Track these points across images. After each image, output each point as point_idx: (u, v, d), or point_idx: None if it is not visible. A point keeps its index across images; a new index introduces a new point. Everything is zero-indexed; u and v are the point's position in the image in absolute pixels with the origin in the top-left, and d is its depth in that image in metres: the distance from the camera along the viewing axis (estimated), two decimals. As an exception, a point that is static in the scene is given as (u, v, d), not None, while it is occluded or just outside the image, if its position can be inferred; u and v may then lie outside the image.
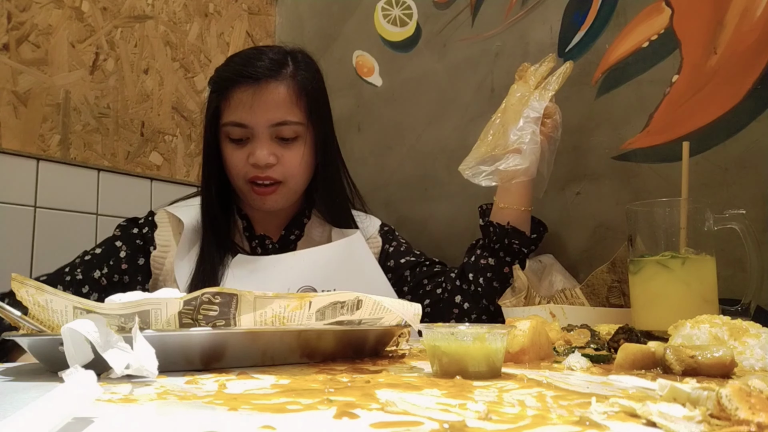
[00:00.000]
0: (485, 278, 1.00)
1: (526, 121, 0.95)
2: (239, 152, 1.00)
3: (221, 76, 1.01)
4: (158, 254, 1.02)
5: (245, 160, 0.99)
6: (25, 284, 0.50)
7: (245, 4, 1.64)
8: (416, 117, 1.35)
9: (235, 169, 1.01)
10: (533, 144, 0.94)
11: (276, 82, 0.98)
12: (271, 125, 0.98)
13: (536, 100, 0.95)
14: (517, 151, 0.94)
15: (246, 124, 0.98)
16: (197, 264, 0.99)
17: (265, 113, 0.97)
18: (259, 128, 0.98)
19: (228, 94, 0.98)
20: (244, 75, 0.97)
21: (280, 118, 0.98)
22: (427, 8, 1.35)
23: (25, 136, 1.20)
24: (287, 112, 0.98)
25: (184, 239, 1.01)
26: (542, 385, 0.43)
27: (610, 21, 1.06)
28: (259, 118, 0.97)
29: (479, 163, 0.98)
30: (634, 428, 0.29)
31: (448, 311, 1.03)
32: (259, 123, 0.97)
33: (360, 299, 0.57)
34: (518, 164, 0.94)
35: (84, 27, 1.30)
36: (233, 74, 0.98)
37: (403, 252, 1.11)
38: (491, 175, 0.96)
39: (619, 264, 0.95)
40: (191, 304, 0.51)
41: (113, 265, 0.99)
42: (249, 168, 0.99)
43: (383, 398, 0.37)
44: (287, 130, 0.98)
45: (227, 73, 0.99)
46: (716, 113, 0.94)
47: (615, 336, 0.62)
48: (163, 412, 0.34)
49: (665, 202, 0.77)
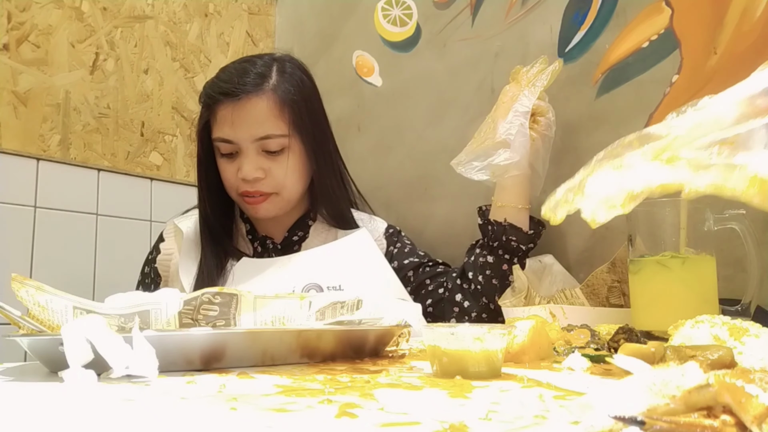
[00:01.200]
0: (484, 276, 1.00)
1: (514, 115, 0.96)
2: (230, 166, 1.01)
3: (206, 92, 1.02)
4: (163, 257, 1.06)
5: (236, 174, 1.00)
6: (25, 284, 0.50)
7: (245, 4, 1.64)
8: (416, 117, 1.35)
9: (228, 182, 1.02)
10: (522, 137, 0.96)
11: (257, 98, 0.97)
12: (255, 140, 0.98)
13: (525, 95, 0.97)
14: (505, 143, 0.95)
15: (231, 140, 0.99)
16: (198, 271, 1.01)
17: (248, 129, 0.97)
18: (244, 143, 0.98)
19: (213, 110, 1.00)
20: (225, 92, 0.98)
21: (263, 132, 0.98)
22: (427, 8, 1.35)
23: (25, 136, 1.20)
24: (270, 126, 0.98)
25: (184, 248, 1.04)
26: (542, 385, 0.43)
27: (610, 21, 1.06)
28: (243, 134, 0.98)
29: (471, 159, 0.99)
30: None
31: (448, 310, 1.03)
32: (242, 138, 0.98)
33: (360, 300, 0.57)
34: (509, 158, 0.96)
35: (84, 27, 1.30)
36: (215, 92, 0.99)
37: (407, 253, 1.12)
38: (483, 170, 0.98)
39: (619, 264, 0.95)
40: (191, 304, 0.51)
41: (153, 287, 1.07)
42: (240, 182, 1.00)
43: (383, 398, 0.37)
44: (272, 143, 0.98)
45: (210, 91, 1.00)
46: (716, 113, 0.93)
47: (615, 336, 0.62)
48: (163, 412, 0.33)
49: (665, 202, 0.76)
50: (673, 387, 0.27)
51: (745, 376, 0.25)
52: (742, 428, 0.24)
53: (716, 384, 0.25)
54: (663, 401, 0.26)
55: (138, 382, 0.43)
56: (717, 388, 0.25)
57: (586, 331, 0.66)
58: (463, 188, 1.22)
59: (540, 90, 0.98)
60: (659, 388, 0.27)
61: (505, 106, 0.99)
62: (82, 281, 1.27)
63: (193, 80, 1.50)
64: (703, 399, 0.26)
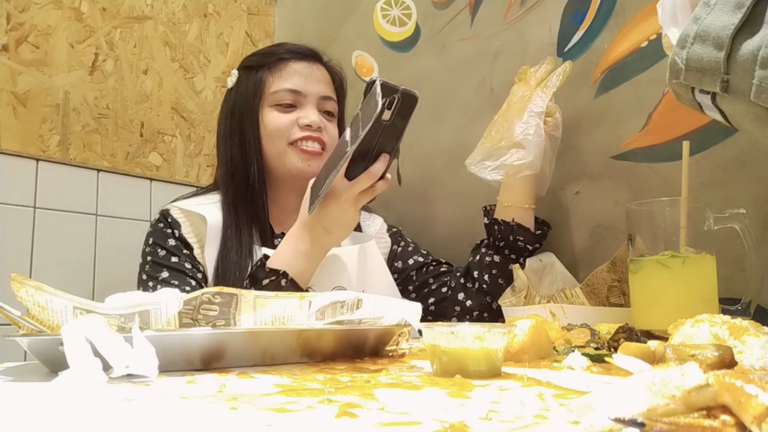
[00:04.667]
0: (490, 275, 1.01)
1: (530, 115, 0.96)
2: (285, 116, 1.04)
3: (272, 52, 1.10)
4: (197, 252, 1.01)
5: (292, 123, 1.04)
6: (25, 284, 0.50)
7: (244, 4, 1.64)
8: (415, 117, 1.35)
9: (279, 131, 1.03)
10: (537, 137, 0.95)
11: (319, 65, 1.11)
12: (320, 97, 1.07)
13: (539, 96, 0.97)
14: (521, 144, 0.95)
15: (300, 91, 1.05)
16: (219, 262, 0.97)
17: (316, 85, 1.07)
18: (311, 97, 1.06)
19: (281, 66, 1.07)
20: (298, 52, 1.09)
21: (326, 92, 1.08)
22: (426, 8, 1.35)
23: (25, 137, 1.20)
24: (330, 90, 1.10)
25: (210, 236, 1.00)
26: (542, 384, 0.43)
27: (609, 21, 1.06)
28: (312, 88, 1.06)
29: (484, 158, 0.99)
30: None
31: (450, 309, 1.04)
32: (311, 92, 1.06)
33: (360, 299, 0.57)
34: (523, 158, 0.95)
35: (83, 27, 1.30)
36: (286, 51, 1.09)
37: (410, 252, 1.12)
38: (496, 170, 0.98)
39: (619, 263, 0.96)
40: (191, 304, 0.51)
41: (191, 273, 0.98)
42: (295, 130, 1.03)
43: (383, 398, 0.37)
44: (330, 104, 1.09)
45: (280, 50, 1.10)
46: (715, 112, 0.94)
47: (615, 335, 0.62)
48: (163, 412, 0.33)
49: (665, 202, 0.77)
50: (673, 387, 0.27)
51: (745, 376, 0.25)
52: (741, 428, 0.24)
53: (716, 384, 0.25)
54: (663, 401, 0.26)
55: (138, 382, 0.43)
56: (717, 388, 0.25)
57: (586, 330, 0.66)
58: (463, 188, 1.22)
59: (553, 90, 0.98)
60: (659, 388, 0.27)
61: (517, 105, 0.98)
62: (82, 281, 1.27)
63: (192, 80, 1.50)
64: (703, 399, 0.26)
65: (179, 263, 0.98)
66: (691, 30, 0.41)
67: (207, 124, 1.50)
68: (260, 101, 1.05)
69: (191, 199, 1.07)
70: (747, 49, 0.37)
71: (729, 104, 0.40)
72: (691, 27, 0.41)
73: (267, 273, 0.87)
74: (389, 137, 0.83)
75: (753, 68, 0.37)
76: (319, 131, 1.04)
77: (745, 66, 0.37)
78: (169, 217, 1.02)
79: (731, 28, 0.38)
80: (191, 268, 0.98)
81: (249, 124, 1.05)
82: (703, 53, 0.40)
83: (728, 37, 0.38)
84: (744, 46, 0.37)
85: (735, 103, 0.39)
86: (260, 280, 0.88)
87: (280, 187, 1.07)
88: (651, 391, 0.27)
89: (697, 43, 0.40)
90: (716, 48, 0.39)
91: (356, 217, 0.91)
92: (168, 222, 1.02)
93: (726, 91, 0.39)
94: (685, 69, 0.41)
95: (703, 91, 0.41)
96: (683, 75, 0.41)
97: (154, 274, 0.97)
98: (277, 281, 0.87)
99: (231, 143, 1.06)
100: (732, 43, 0.38)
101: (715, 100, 0.41)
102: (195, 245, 1.00)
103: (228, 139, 1.06)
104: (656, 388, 0.27)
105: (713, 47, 0.39)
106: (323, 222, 0.89)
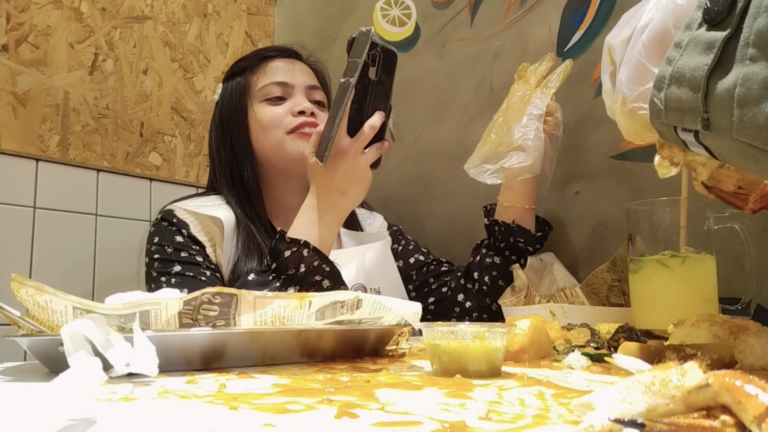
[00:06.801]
0: (491, 276, 1.00)
1: (529, 118, 0.95)
2: (278, 108, 1.05)
3: (256, 54, 1.13)
4: (209, 251, 1.00)
5: (285, 112, 1.05)
6: (25, 285, 0.50)
7: (244, 4, 1.64)
8: (415, 117, 1.35)
9: (274, 122, 1.04)
10: (537, 141, 0.95)
11: (302, 62, 1.13)
12: (308, 86, 1.08)
13: (539, 97, 0.96)
14: (521, 148, 0.95)
15: (287, 82, 1.07)
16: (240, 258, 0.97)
17: (301, 77, 1.09)
18: (299, 87, 1.08)
19: (263, 64, 1.09)
20: (279, 50, 1.13)
21: (313, 82, 1.10)
22: (425, 8, 1.35)
23: (25, 137, 1.20)
24: (316, 81, 1.11)
25: (226, 234, 0.99)
26: (542, 383, 0.43)
27: (609, 20, 1.06)
28: (298, 79, 1.08)
29: (484, 162, 0.98)
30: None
31: (450, 310, 1.03)
32: (298, 82, 1.08)
33: (360, 299, 0.57)
34: (523, 161, 0.95)
35: (83, 28, 1.30)
36: (267, 51, 1.13)
37: (411, 251, 1.12)
38: (496, 173, 0.97)
39: (619, 263, 0.96)
40: (191, 304, 0.51)
41: (204, 266, 0.97)
42: (290, 118, 1.04)
43: (383, 398, 0.37)
44: (319, 93, 1.10)
45: (261, 52, 1.13)
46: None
47: (615, 335, 0.62)
48: (163, 412, 0.34)
49: (665, 202, 0.76)
50: (673, 387, 0.27)
51: (745, 376, 0.25)
52: (741, 428, 0.24)
53: (716, 384, 0.25)
54: (662, 401, 0.26)
55: (138, 382, 0.43)
56: (717, 388, 0.25)
57: (586, 329, 0.66)
58: (462, 188, 1.22)
59: (553, 91, 0.97)
60: (659, 388, 0.27)
61: (516, 107, 0.98)
62: (81, 281, 1.27)
63: (192, 80, 1.50)
64: (703, 399, 0.26)
65: (190, 257, 0.97)
66: (666, 71, 0.41)
67: (207, 124, 1.50)
68: (248, 100, 1.06)
69: (192, 200, 1.07)
70: (723, 87, 0.38)
71: (712, 140, 0.40)
72: (665, 68, 0.41)
73: (288, 244, 0.85)
74: (380, 95, 0.88)
75: (731, 106, 0.37)
76: (313, 116, 1.05)
77: (723, 104, 0.38)
78: (174, 217, 1.01)
79: (705, 69, 0.38)
80: (203, 261, 0.97)
81: (238, 127, 1.05)
82: (680, 94, 0.40)
83: (702, 78, 0.39)
84: (719, 85, 0.38)
85: (718, 140, 0.40)
86: (281, 252, 0.85)
87: (277, 184, 1.07)
88: (651, 391, 0.27)
89: (673, 84, 0.41)
90: (692, 90, 0.39)
91: (368, 174, 0.90)
92: (173, 222, 1.00)
93: (708, 129, 0.39)
94: (665, 110, 0.42)
95: (686, 130, 0.41)
96: (664, 115, 0.42)
97: (166, 269, 0.96)
98: (299, 252, 0.84)
99: (223, 149, 1.06)
100: (707, 83, 0.38)
101: (699, 137, 0.41)
102: (206, 243, 0.98)
103: (220, 147, 1.07)
104: (656, 388, 0.27)
105: (689, 89, 0.40)
106: (337, 184, 0.88)
